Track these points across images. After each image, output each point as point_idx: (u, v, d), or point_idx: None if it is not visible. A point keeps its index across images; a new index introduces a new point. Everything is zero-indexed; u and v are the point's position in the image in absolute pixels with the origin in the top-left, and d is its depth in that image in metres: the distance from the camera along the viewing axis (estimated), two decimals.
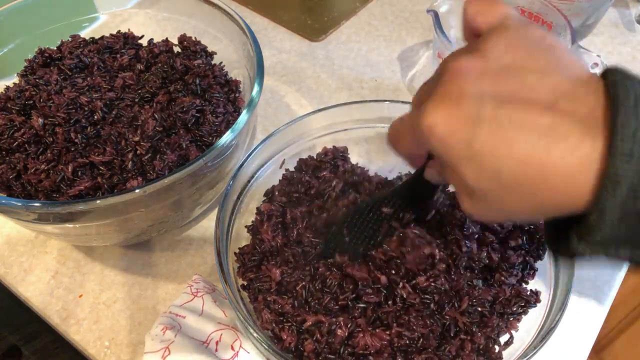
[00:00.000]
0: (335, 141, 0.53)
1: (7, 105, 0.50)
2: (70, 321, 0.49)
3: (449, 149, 0.26)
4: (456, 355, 0.39)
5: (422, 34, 0.74)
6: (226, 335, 0.43)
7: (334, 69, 0.70)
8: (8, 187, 0.46)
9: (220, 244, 0.42)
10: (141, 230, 0.48)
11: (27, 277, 0.51)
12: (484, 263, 0.42)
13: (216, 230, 0.42)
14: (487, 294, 0.41)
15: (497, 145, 0.25)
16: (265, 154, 0.50)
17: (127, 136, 0.46)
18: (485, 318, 0.41)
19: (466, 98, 0.26)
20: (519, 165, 0.24)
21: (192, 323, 0.44)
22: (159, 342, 0.42)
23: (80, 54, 0.55)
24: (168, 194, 0.44)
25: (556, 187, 0.24)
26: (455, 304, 0.40)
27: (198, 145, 0.48)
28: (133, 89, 0.51)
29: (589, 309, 0.49)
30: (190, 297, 0.46)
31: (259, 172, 0.50)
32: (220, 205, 0.43)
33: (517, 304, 0.42)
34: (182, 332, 0.43)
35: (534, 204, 0.26)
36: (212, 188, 0.50)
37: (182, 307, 0.45)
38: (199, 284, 0.47)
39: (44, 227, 0.45)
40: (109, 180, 0.45)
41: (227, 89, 0.54)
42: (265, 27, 0.75)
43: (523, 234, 0.44)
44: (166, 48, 0.56)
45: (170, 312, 0.45)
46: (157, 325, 0.43)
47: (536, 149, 0.24)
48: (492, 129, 0.25)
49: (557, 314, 0.39)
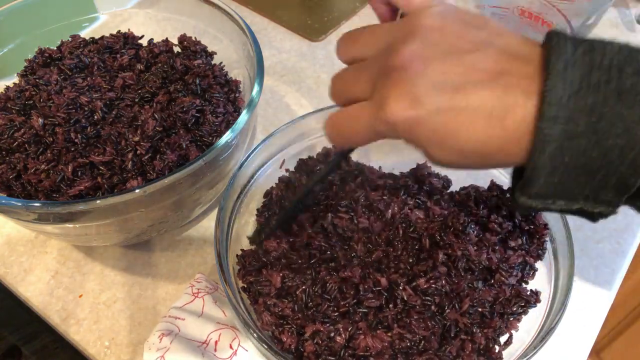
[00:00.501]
0: None
1: (7, 105, 0.50)
2: (70, 321, 0.49)
3: (416, 138, 0.28)
4: (457, 356, 0.39)
5: None
6: (225, 334, 0.43)
7: (334, 69, 0.69)
8: (8, 187, 0.46)
9: (220, 246, 0.42)
10: (141, 230, 0.48)
11: (27, 277, 0.51)
12: (484, 265, 0.42)
13: (216, 231, 0.42)
14: (487, 295, 0.41)
15: (458, 129, 0.27)
16: (265, 154, 0.50)
17: (127, 136, 0.46)
18: (486, 318, 0.41)
19: (423, 92, 0.27)
20: (478, 144, 0.27)
21: (191, 325, 0.44)
22: (156, 351, 0.42)
23: (80, 54, 0.55)
24: (168, 194, 0.44)
25: (509, 152, 0.27)
26: (456, 305, 0.40)
27: (198, 145, 0.48)
28: (133, 89, 0.51)
29: (589, 309, 0.49)
30: (191, 297, 0.46)
31: (259, 172, 0.50)
32: (220, 206, 0.43)
33: (517, 304, 0.42)
34: (180, 336, 0.43)
35: (490, 164, 0.29)
36: (212, 188, 0.50)
37: (182, 309, 0.45)
38: (200, 283, 0.47)
39: (44, 227, 0.45)
40: (109, 180, 0.45)
41: (227, 89, 0.54)
42: (265, 27, 0.75)
43: (523, 235, 0.44)
44: (166, 48, 0.56)
45: (169, 316, 0.45)
46: (154, 332, 0.44)
47: (493, 128, 0.26)
48: (451, 116, 0.27)
49: (557, 313, 0.39)
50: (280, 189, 0.49)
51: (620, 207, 0.27)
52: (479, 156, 0.28)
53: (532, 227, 0.44)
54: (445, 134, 0.28)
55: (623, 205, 0.27)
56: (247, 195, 0.49)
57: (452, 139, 0.28)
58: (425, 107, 0.27)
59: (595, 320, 0.48)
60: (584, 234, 0.54)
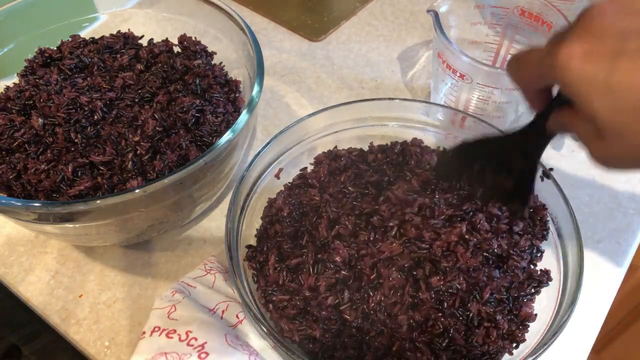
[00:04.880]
0: (337, 141, 0.53)
1: (7, 105, 0.50)
2: (70, 321, 0.49)
3: (584, 81, 0.26)
4: (483, 343, 0.40)
5: (422, 34, 0.74)
6: (233, 306, 0.45)
7: (333, 69, 0.70)
8: (8, 187, 0.46)
9: (232, 239, 0.44)
10: (141, 230, 0.48)
11: (27, 277, 0.51)
12: (497, 253, 0.43)
13: (227, 222, 0.44)
14: (503, 281, 0.42)
15: (638, 79, 0.25)
16: (269, 156, 0.51)
17: (127, 136, 0.46)
18: (504, 304, 0.42)
19: (608, 33, 0.26)
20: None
21: (202, 293, 0.46)
22: (167, 301, 0.44)
23: (80, 54, 0.54)
24: (168, 194, 0.44)
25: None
26: (477, 296, 0.41)
27: (198, 145, 0.48)
28: (133, 89, 0.51)
29: (589, 309, 0.49)
30: (204, 272, 0.48)
31: (264, 175, 0.51)
32: (228, 212, 0.45)
33: (530, 285, 0.43)
34: (191, 298, 0.45)
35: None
36: (212, 188, 0.50)
37: (194, 279, 0.47)
38: (213, 264, 0.49)
39: (44, 227, 0.45)
40: (109, 180, 0.45)
41: (227, 89, 0.54)
42: (265, 27, 0.75)
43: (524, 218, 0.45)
44: (166, 48, 0.56)
45: (182, 282, 0.47)
46: (168, 288, 0.46)
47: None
48: (634, 61, 0.25)
49: (575, 289, 0.40)
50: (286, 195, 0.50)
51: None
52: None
53: (531, 210, 0.45)
54: (621, 79, 0.25)
55: None
56: (256, 193, 0.50)
57: (628, 85, 0.25)
58: (605, 45, 0.26)
59: (595, 320, 0.48)
60: (583, 234, 0.53)
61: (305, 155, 0.54)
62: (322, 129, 0.53)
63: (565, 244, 0.45)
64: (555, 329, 0.39)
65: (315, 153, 0.54)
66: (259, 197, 0.51)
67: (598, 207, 0.55)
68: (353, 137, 0.54)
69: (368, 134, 0.54)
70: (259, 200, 0.51)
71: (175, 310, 0.43)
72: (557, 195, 0.45)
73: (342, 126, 0.53)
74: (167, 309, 0.43)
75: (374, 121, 0.54)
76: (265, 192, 0.51)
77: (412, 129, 0.54)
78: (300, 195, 0.49)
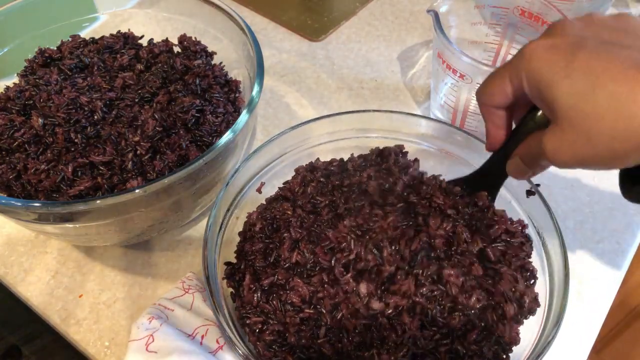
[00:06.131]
0: (336, 149, 0.52)
1: (7, 105, 0.50)
2: (70, 321, 0.49)
3: (547, 68, 0.30)
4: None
5: (422, 34, 0.74)
6: (212, 330, 0.44)
7: (334, 69, 0.70)
8: (8, 187, 0.46)
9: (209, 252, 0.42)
10: (141, 230, 0.48)
11: (27, 277, 0.51)
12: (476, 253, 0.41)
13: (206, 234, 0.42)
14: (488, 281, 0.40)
15: (593, 66, 0.28)
16: (262, 160, 0.50)
17: (127, 136, 0.46)
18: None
19: (571, 34, 0.30)
20: (614, 82, 0.27)
21: (180, 316, 0.44)
22: (144, 330, 0.42)
23: (80, 54, 0.55)
24: (168, 194, 0.44)
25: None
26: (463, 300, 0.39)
27: (198, 145, 0.48)
28: (133, 89, 0.51)
29: (589, 309, 0.49)
30: (182, 292, 0.46)
31: (251, 183, 0.49)
32: (210, 214, 0.43)
33: (521, 315, 0.41)
34: (169, 323, 0.43)
35: (624, 136, 0.27)
36: (212, 188, 0.50)
37: (172, 300, 0.46)
38: (192, 281, 0.48)
39: (44, 227, 0.45)
40: (109, 180, 0.45)
41: (227, 89, 0.54)
42: (265, 27, 0.75)
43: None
44: (166, 48, 0.56)
45: (159, 304, 0.45)
46: (144, 314, 0.44)
47: (630, 78, 0.27)
48: (591, 54, 0.28)
49: (563, 289, 0.40)
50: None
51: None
52: (612, 100, 0.27)
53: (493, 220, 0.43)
54: (579, 66, 0.28)
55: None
56: (241, 203, 0.48)
57: (586, 71, 0.28)
58: (565, 40, 0.30)
59: (595, 320, 0.48)
60: (583, 234, 0.54)
61: (304, 161, 0.52)
62: (320, 137, 0.52)
63: (552, 263, 0.43)
64: (539, 351, 0.38)
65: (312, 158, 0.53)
66: (241, 212, 0.49)
67: (598, 207, 0.55)
68: (351, 146, 0.53)
69: (368, 145, 0.52)
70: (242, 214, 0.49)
71: (153, 341, 0.41)
72: (545, 212, 0.43)
73: (343, 135, 0.52)
74: (144, 339, 0.41)
75: (376, 132, 0.52)
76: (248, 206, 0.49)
77: (410, 142, 0.51)
78: (275, 209, 0.46)
